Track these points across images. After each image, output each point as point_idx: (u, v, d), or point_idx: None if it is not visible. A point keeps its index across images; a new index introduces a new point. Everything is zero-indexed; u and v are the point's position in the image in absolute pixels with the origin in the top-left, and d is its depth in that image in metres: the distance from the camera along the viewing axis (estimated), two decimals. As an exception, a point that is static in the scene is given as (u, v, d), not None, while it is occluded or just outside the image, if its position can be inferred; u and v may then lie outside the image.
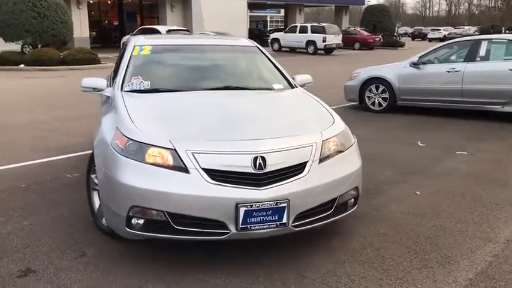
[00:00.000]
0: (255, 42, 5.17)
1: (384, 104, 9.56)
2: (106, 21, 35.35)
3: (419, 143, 6.81)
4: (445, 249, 3.48)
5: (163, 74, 4.44)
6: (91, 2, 33.17)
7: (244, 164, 3.00)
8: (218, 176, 2.97)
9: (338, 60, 25.66)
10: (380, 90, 9.61)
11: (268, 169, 3.03)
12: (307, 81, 4.86)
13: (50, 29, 19.71)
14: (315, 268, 3.20)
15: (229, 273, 3.12)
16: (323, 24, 30.60)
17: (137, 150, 3.09)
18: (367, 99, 9.80)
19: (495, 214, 4.15)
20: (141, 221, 3.06)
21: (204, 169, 2.97)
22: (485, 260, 3.33)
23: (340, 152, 3.40)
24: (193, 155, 3.00)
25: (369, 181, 4.98)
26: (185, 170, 2.98)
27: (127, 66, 4.37)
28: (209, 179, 2.95)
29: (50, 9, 19.71)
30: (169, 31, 23.42)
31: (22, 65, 18.50)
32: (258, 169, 3.00)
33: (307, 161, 3.17)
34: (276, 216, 3.01)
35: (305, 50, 29.76)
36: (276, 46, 31.60)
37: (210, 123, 3.41)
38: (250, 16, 55.97)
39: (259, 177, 3.00)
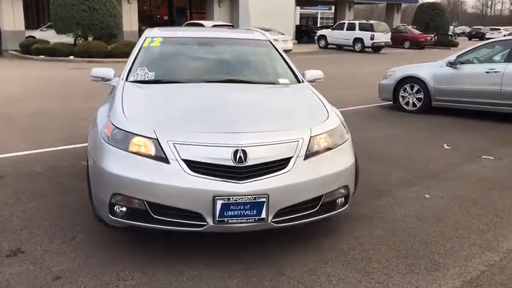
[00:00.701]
0: (268, 36, 5.12)
1: (418, 105, 9.24)
2: (156, 16, 36.12)
3: (445, 145, 6.54)
4: (437, 255, 3.33)
5: (169, 66, 4.47)
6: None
7: (224, 157, 2.98)
8: (197, 167, 2.97)
9: (385, 58, 25.04)
10: (415, 90, 9.29)
11: (248, 163, 2.99)
12: (318, 77, 4.77)
13: (99, 22, 20.37)
14: (295, 266, 3.15)
15: (208, 265, 3.12)
16: (371, 21, 29.98)
17: (123, 139, 3.13)
18: (401, 99, 9.51)
19: (504, 223, 3.93)
20: (123, 209, 3.10)
21: (184, 160, 2.98)
22: (478, 269, 3.16)
23: (330, 149, 3.31)
24: (174, 145, 3.01)
25: (380, 182, 4.87)
26: (165, 160, 2.99)
27: (135, 57, 4.45)
28: (188, 170, 2.96)
29: (100, 3, 20.37)
30: (214, 26, 23.73)
31: (71, 57, 19.23)
32: (238, 162, 2.97)
33: (292, 157, 3.11)
34: (255, 210, 2.98)
35: (352, 48, 29.26)
36: (322, 43, 31.24)
37: (198, 115, 3.41)
38: (301, 13, 55.69)
39: (239, 170, 2.97)
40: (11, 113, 8.21)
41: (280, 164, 3.08)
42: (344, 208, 3.45)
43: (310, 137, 3.23)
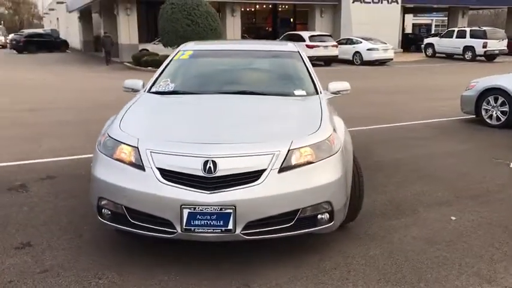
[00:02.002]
0: (299, 48, 5.08)
1: (503, 119, 8.44)
2: (260, 28, 37.09)
3: (511, 164, 5.92)
4: (423, 283, 3.08)
5: (190, 77, 4.66)
6: (248, 9, 35.18)
7: (194, 167, 3.06)
8: (169, 176, 3.09)
9: (496, 68, 23.07)
10: (499, 102, 8.50)
11: (218, 174, 3.04)
12: (343, 89, 4.65)
13: (201, 35, 21.46)
14: (265, 280, 3.11)
15: (181, 271, 3.21)
16: (485, 28, 27.76)
17: (112, 146, 3.36)
18: (483, 112, 8.74)
19: (528, 253, 3.49)
20: (109, 212, 3.32)
21: (158, 168, 3.11)
22: (462, 301, 2.86)
23: (311, 162, 3.22)
24: (151, 154, 3.16)
25: (409, 200, 4.60)
26: (142, 167, 3.16)
27: (163, 69, 4.71)
28: (161, 178, 3.08)
29: (202, 17, 21.47)
30: (311, 36, 23.79)
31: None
32: (208, 173, 3.04)
33: (265, 169, 3.09)
34: (221, 221, 3.01)
35: (462, 57, 27.39)
36: (429, 52, 29.65)
37: (185, 125, 3.54)
38: (413, 21, 53.50)
39: (208, 181, 3.03)
40: (90, 119, 8.98)
41: (252, 176, 3.07)
42: (329, 225, 3.32)
43: (289, 149, 3.18)
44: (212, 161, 3.05)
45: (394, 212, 4.33)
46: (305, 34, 24.32)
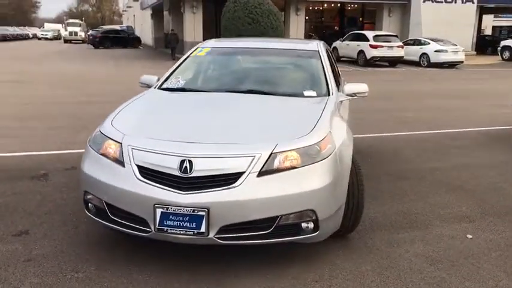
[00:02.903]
0: (321, 46, 4.87)
1: None
2: (327, 27, 36.50)
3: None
4: (406, 306, 2.81)
5: (200, 75, 4.61)
6: (315, 8, 34.78)
7: (171, 166, 2.99)
8: (146, 173, 3.04)
9: None
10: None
11: (193, 174, 2.95)
12: (359, 91, 4.39)
13: (260, 34, 21.43)
14: (237, 287, 2.98)
15: (155, 272, 3.15)
16: None
17: (100, 142, 3.36)
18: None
19: (542, 282, 3.10)
20: (93, 206, 3.33)
21: (137, 165, 3.08)
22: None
23: (295, 167, 3.04)
24: (132, 150, 3.13)
25: (425, 213, 4.29)
26: (122, 164, 3.13)
27: (178, 66, 4.70)
28: (139, 175, 3.04)
29: (263, 15, 21.45)
30: (375, 36, 23.07)
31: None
32: (183, 172, 2.95)
33: (243, 172, 2.96)
34: (194, 223, 2.92)
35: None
36: (506, 55, 27.76)
37: (174, 123, 3.48)
38: (494, 22, 50.46)
39: (183, 181, 2.95)
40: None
41: (229, 179, 2.95)
42: (313, 235, 3.13)
43: (272, 153, 3.03)
44: (189, 160, 2.97)
45: (405, 224, 4.04)
46: (369, 34, 23.63)
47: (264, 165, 2.99)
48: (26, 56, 27.25)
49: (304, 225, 3.09)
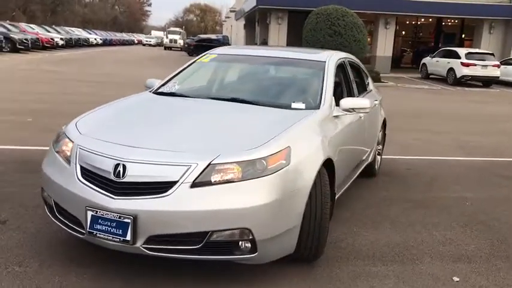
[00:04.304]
0: (333, 58, 4.54)
1: None
2: (421, 42, 34.80)
3: None
4: None
5: (196, 81, 4.52)
6: (408, 22, 33.36)
7: (107, 168, 2.92)
8: (86, 174, 3.01)
9: None
10: None
11: (126, 179, 2.86)
12: (358, 107, 4.03)
13: (343, 46, 20.93)
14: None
15: (94, 275, 3.09)
16: None
17: (60, 140, 3.39)
18: None
19: None
20: (47, 204, 3.36)
21: (80, 166, 3.05)
22: None
23: (232, 181, 2.83)
24: (78, 149, 3.11)
25: (421, 247, 3.82)
26: (69, 163, 3.13)
27: (180, 71, 4.66)
28: (79, 176, 3.02)
29: (346, 27, 20.96)
30: (468, 54, 21.55)
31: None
32: (117, 176, 2.87)
33: (176, 182, 2.81)
34: (120, 230, 2.82)
35: None
36: None
37: (129, 127, 3.43)
38: None
39: (116, 185, 2.87)
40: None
41: (160, 187, 2.82)
42: (251, 256, 2.88)
43: (210, 163, 2.84)
44: (123, 164, 2.88)
45: (389, 257, 3.61)
46: (462, 51, 22.11)
47: (198, 176, 2.81)
48: (119, 59, 29.04)
49: (242, 244, 2.87)
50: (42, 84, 13.41)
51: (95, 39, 47.45)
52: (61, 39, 35.68)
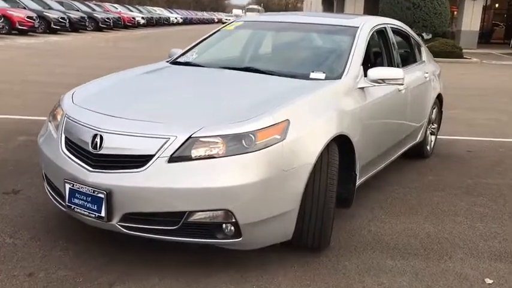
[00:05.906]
0: (369, 23, 4.02)
1: None
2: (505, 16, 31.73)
3: None
4: None
5: (212, 49, 4.20)
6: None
7: (86, 139, 2.72)
8: (68, 145, 2.84)
9: None
10: None
11: (102, 151, 2.64)
12: (388, 77, 3.50)
13: (421, 19, 19.63)
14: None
15: (77, 252, 2.93)
16: None
17: (55, 109, 3.24)
18: None
19: None
20: (42, 175, 3.24)
21: (65, 136, 2.89)
22: None
23: (214, 157, 2.51)
24: (65, 119, 2.95)
25: (454, 240, 3.27)
26: (56, 132, 2.98)
27: (202, 40, 4.37)
28: (63, 147, 2.86)
29: (426, 0, 19.58)
30: None
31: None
32: (94, 148, 2.66)
33: (153, 155, 2.54)
34: (95, 206, 2.61)
35: None
36: None
37: (122, 97, 3.18)
38: None
39: (93, 157, 2.66)
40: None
41: (136, 161, 2.57)
42: (235, 241, 2.57)
43: (190, 136, 2.54)
44: (100, 135, 2.66)
45: (414, 250, 3.13)
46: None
47: (177, 150, 2.53)
48: (193, 36, 29.25)
49: (225, 227, 2.56)
50: (115, 60, 13.73)
51: (176, 18, 48.44)
52: (142, 18, 36.79)
